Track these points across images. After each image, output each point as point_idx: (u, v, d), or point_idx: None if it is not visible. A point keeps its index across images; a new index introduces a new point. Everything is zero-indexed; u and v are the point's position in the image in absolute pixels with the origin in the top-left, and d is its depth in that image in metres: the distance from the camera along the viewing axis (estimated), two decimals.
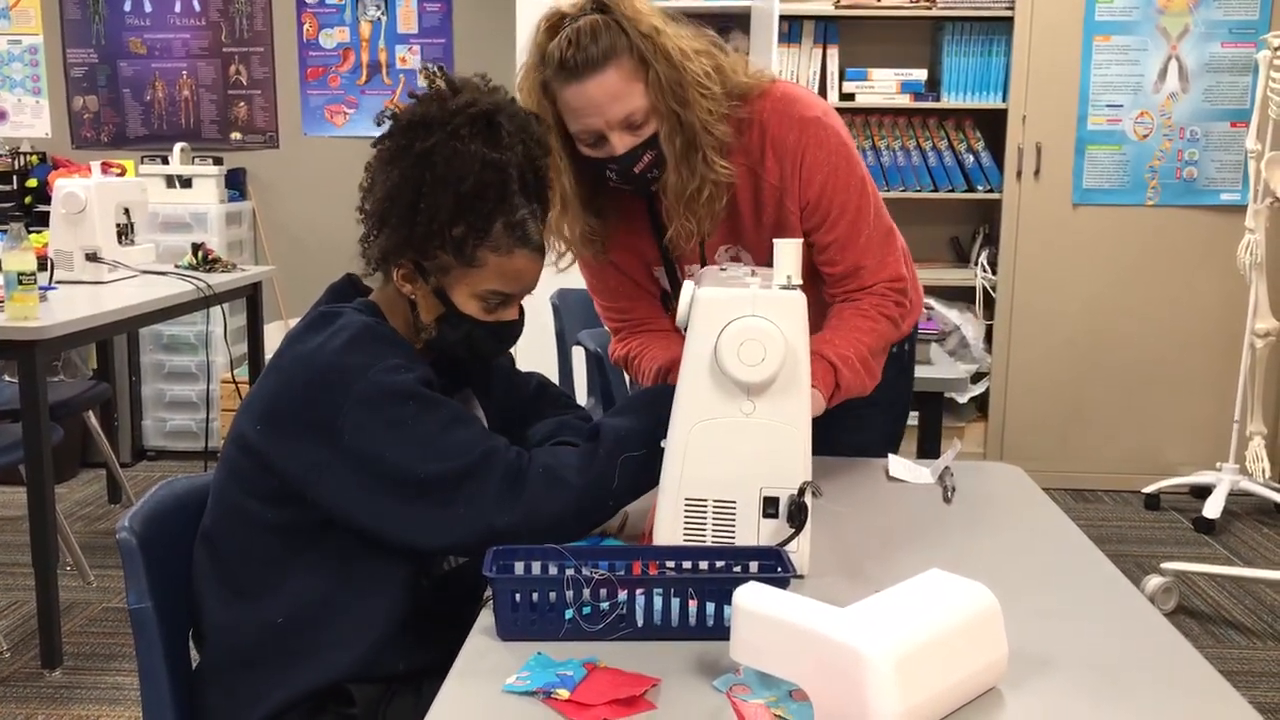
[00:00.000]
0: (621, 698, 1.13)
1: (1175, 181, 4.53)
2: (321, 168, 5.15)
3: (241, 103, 5.23)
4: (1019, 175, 4.54)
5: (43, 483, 2.92)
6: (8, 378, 4.14)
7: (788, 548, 1.38)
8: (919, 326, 2.17)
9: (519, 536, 1.38)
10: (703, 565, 1.37)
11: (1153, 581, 3.44)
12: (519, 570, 1.35)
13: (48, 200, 3.98)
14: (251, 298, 4.13)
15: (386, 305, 1.56)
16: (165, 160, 4.88)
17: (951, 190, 4.61)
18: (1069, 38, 4.47)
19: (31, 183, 4.85)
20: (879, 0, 4.51)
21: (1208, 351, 4.59)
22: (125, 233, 3.72)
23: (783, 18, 4.36)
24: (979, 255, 4.74)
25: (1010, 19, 4.48)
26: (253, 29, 5.18)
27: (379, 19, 5.15)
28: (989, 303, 4.69)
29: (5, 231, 2.96)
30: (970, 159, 4.63)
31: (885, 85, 4.57)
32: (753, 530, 1.43)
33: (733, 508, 1.43)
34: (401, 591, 1.47)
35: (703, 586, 1.29)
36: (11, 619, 3.33)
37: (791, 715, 1.10)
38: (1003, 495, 1.85)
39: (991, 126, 4.65)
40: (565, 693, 1.14)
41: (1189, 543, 4.10)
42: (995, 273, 4.64)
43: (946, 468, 1.89)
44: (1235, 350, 4.31)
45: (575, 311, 3.39)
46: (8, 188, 4.86)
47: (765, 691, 1.14)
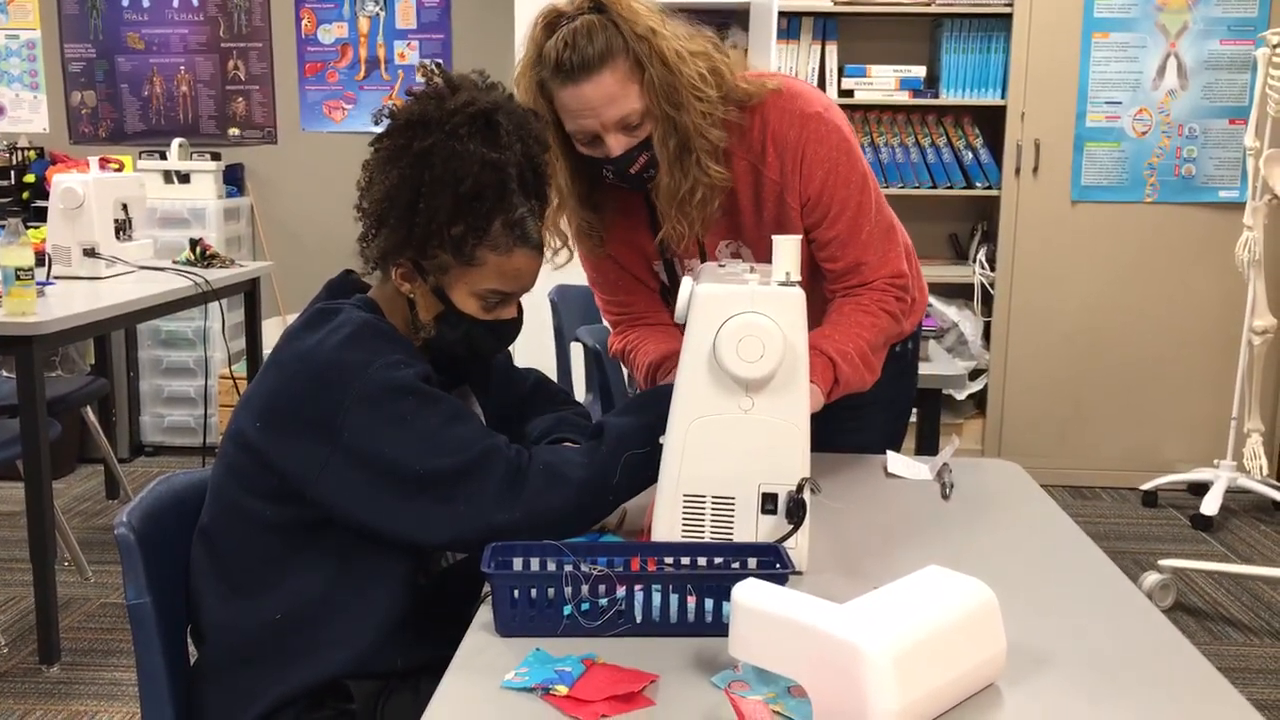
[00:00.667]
0: (620, 694, 1.13)
1: (1174, 179, 4.53)
2: (320, 163, 5.15)
3: (240, 98, 5.22)
4: (1017, 172, 4.54)
5: (40, 478, 2.92)
6: (5, 373, 4.14)
7: (786, 544, 1.38)
8: (921, 325, 2.17)
9: (519, 533, 1.38)
10: (701, 561, 1.37)
11: (1150, 578, 3.45)
12: (517, 566, 1.35)
13: (45, 195, 3.98)
14: (249, 293, 4.13)
15: (385, 302, 1.56)
16: (163, 156, 4.88)
17: (950, 187, 4.61)
18: (1068, 34, 4.46)
19: (29, 178, 4.85)
20: None
21: (1206, 349, 4.59)
22: (123, 228, 3.71)
23: (782, 13, 4.36)
24: (977, 252, 4.74)
25: (1009, 15, 4.48)
26: (251, 24, 5.17)
27: (377, 14, 5.14)
28: (987, 299, 4.69)
29: (3, 227, 2.96)
30: (969, 155, 4.63)
31: (884, 82, 4.57)
32: (751, 526, 1.43)
33: (731, 504, 1.43)
34: (400, 589, 1.47)
35: (701, 583, 1.29)
36: (9, 614, 3.33)
37: (790, 711, 1.10)
38: (1001, 492, 1.85)
39: (990, 123, 4.65)
40: (564, 689, 1.14)
41: (1186, 540, 4.11)
42: (994, 269, 4.64)
43: (945, 464, 1.89)
44: (1233, 347, 4.32)
45: (574, 308, 3.39)
46: (5, 183, 4.85)
47: (764, 688, 1.14)
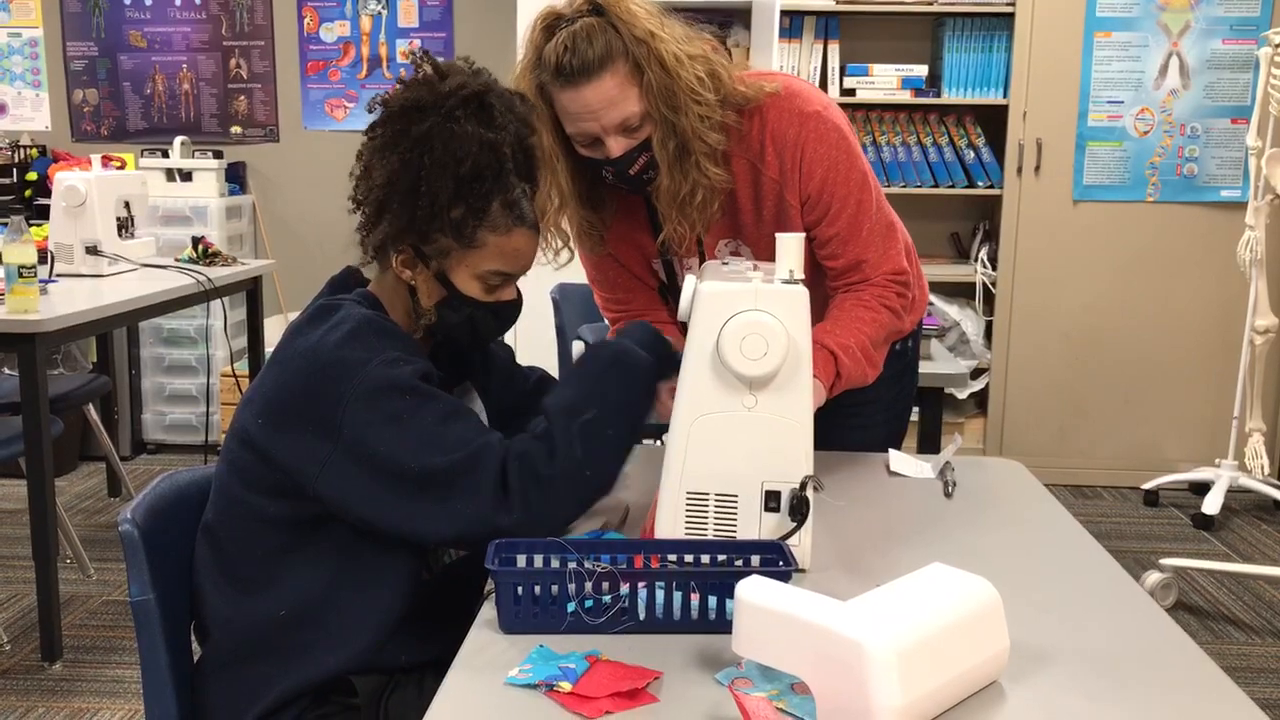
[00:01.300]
0: (623, 690, 1.13)
1: (1175, 178, 4.53)
2: (321, 162, 5.15)
3: (242, 96, 5.22)
4: (1019, 171, 4.54)
5: (42, 476, 2.92)
6: (8, 371, 4.15)
7: (789, 542, 1.39)
8: (922, 324, 2.17)
9: (519, 530, 1.38)
10: (705, 559, 1.37)
11: (1152, 577, 3.45)
12: (521, 563, 1.35)
13: (48, 193, 3.98)
14: (251, 291, 4.13)
15: (386, 294, 1.56)
16: (165, 154, 4.88)
17: (952, 186, 4.61)
18: (1070, 33, 4.46)
19: (31, 176, 4.85)
20: None
21: (1207, 348, 4.59)
22: (125, 226, 3.71)
23: (784, 12, 4.36)
24: (979, 251, 4.74)
25: (1011, 15, 4.48)
26: (253, 23, 5.17)
27: (379, 13, 5.14)
28: (989, 298, 4.69)
29: (5, 224, 2.96)
30: (971, 155, 4.63)
31: (886, 81, 4.57)
32: (754, 524, 1.43)
33: (734, 502, 1.43)
34: (403, 585, 1.47)
35: (704, 580, 1.29)
36: (11, 612, 3.33)
37: (793, 709, 1.10)
38: (1003, 490, 1.85)
39: (992, 122, 4.64)
40: (567, 685, 1.14)
41: (1188, 539, 4.11)
42: (995, 269, 4.64)
43: (947, 462, 1.89)
44: (1235, 347, 4.32)
45: (576, 306, 3.40)
46: (8, 181, 4.86)
47: (767, 685, 1.14)
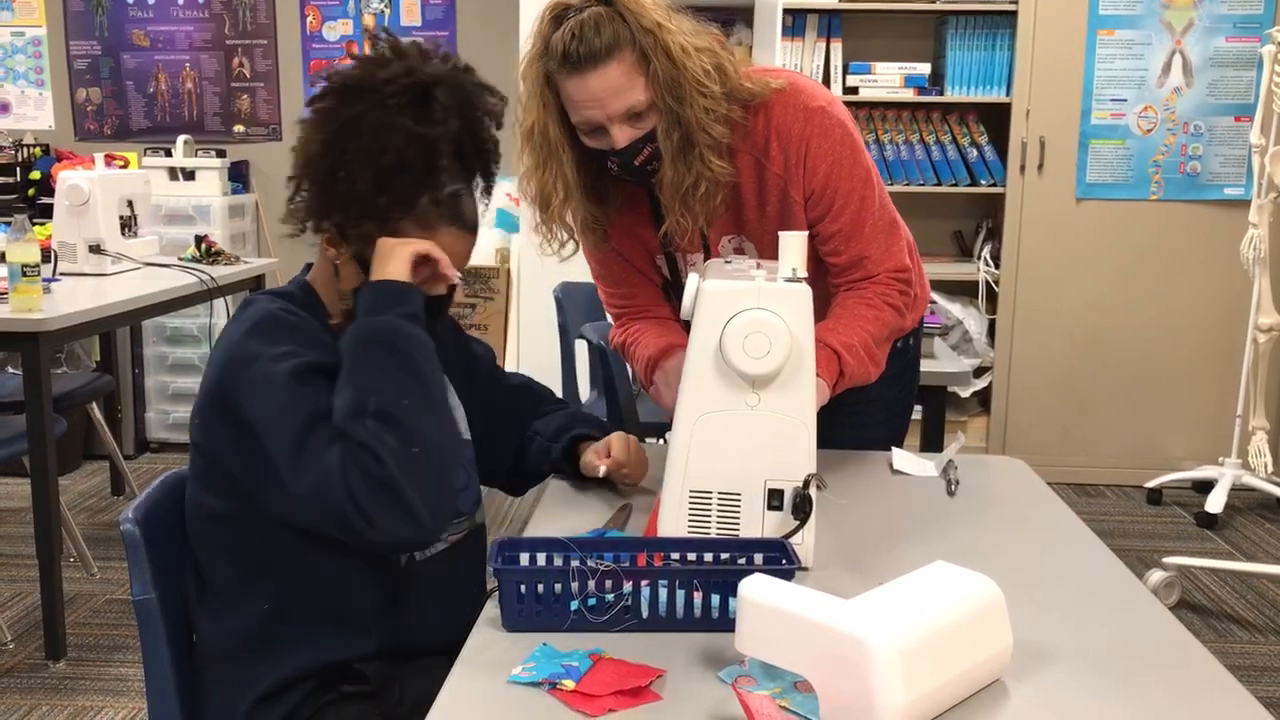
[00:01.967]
0: (627, 688, 1.13)
1: (1179, 176, 4.53)
2: None
3: (245, 95, 5.22)
4: (1022, 169, 4.54)
5: (46, 474, 2.92)
6: (11, 369, 4.15)
7: (792, 540, 1.39)
8: (923, 321, 2.17)
9: (416, 539, 1.39)
10: (708, 557, 1.37)
11: (1155, 576, 3.44)
12: (524, 562, 1.36)
13: (51, 192, 3.98)
14: (254, 290, 4.13)
15: (321, 277, 1.54)
16: (168, 153, 4.88)
17: (955, 184, 4.61)
18: (1073, 32, 4.46)
19: (35, 175, 4.86)
20: None
21: (1210, 346, 4.59)
22: (128, 225, 3.71)
23: (786, 11, 4.36)
24: (982, 249, 4.74)
25: (1014, 13, 4.47)
26: (256, 21, 5.17)
27: (382, 11, 5.14)
28: (992, 297, 4.69)
29: (9, 223, 2.96)
30: (973, 153, 4.63)
31: (889, 79, 4.57)
32: (757, 522, 1.44)
33: (737, 500, 1.43)
34: (379, 572, 1.47)
35: (708, 578, 1.29)
36: (15, 610, 3.33)
37: (797, 707, 1.10)
38: (1007, 489, 1.85)
39: (995, 120, 4.64)
40: (571, 683, 1.14)
41: (1191, 537, 4.10)
42: (998, 267, 4.63)
43: (950, 461, 1.89)
44: (1238, 345, 4.32)
45: (578, 304, 3.39)
46: (11, 180, 4.86)
47: (770, 683, 1.15)
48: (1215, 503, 4.12)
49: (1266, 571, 3.62)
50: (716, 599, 1.28)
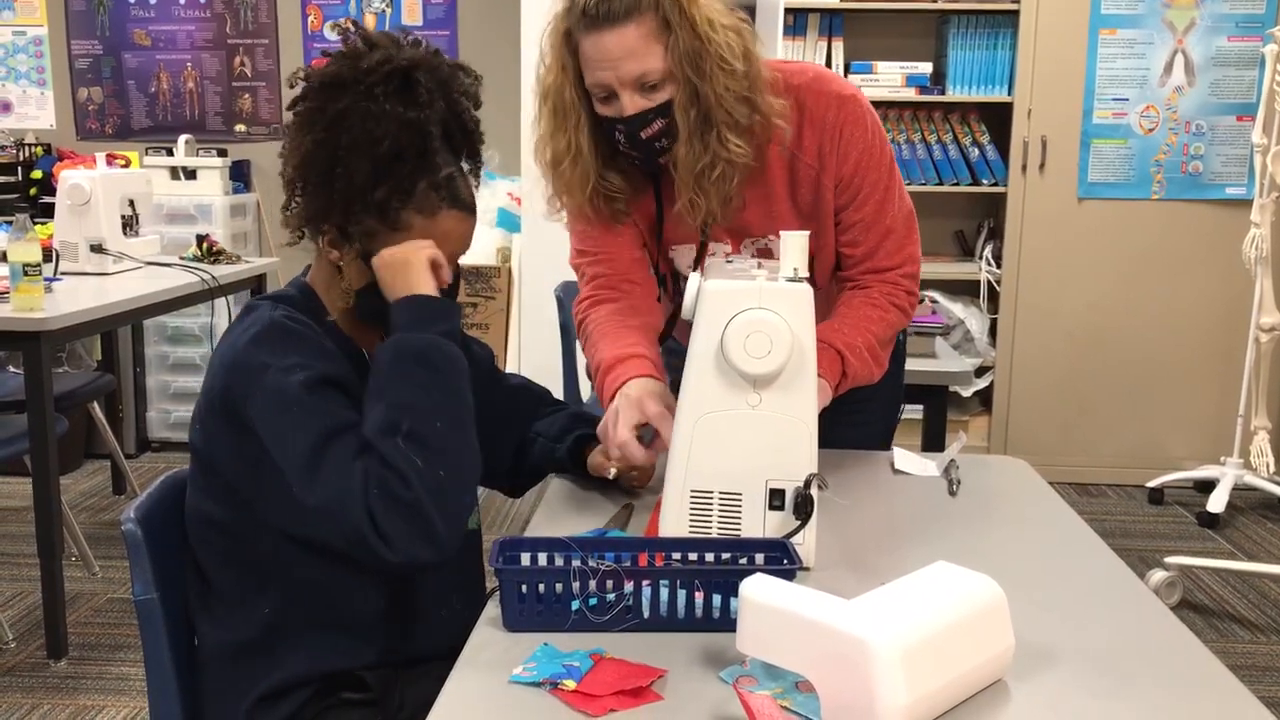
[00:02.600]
0: (628, 689, 1.13)
1: (1181, 175, 4.52)
2: None
3: (246, 95, 5.23)
4: (1024, 169, 4.54)
5: (47, 474, 2.92)
6: (13, 369, 4.15)
7: (794, 540, 1.38)
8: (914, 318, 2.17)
9: (432, 557, 1.35)
10: (709, 557, 1.37)
11: (1156, 576, 3.44)
12: (525, 562, 1.35)
13: (52, 192, 3.99)
14: (255, 290, 4.12)
15: (321, 279, 1.53)
16: (170, 152, 4.88)
17: (956, 184, 4.61)
18: (1074, 31, 4.46)
19: (36, 174, 4.86)
20: None
21: (1212, 346, 4.58)
22: (130, 224, 3.71)
23: (788, 10, 4.36)
24: (983, 249, 4.74)
25: (1016, 12, 4.47)
26: (257, 21, 5.17)
27: (383, 11, 5.14)
28: (993, 296, 4.69)
29: (10, 223, 2.96)
30: (975, 152, 4.62)
31: (890, 78, 4.56)
32: (759, 522, 1.43)
33: (739, 500, 1.43)
34: (380, 579, 1.46)
35: (709, 578, 1.29)
36: (17, 609, 3.33)
37: (798, 707, 1.10)
38: (1008, 488, 1.85)
39: (996, 120, 4.64)
40: (572, 683, 1.14)
41: (1193, 537, 4.10)
42: (1000, 266, 4.63)
43: (952, 460, 1.89)
44: (1240, 345, 4.31)
45: None
46: (12, 179, 4.87)
47: (771, 683, 1.14)
48: (1217, 502, 4.12)
49: (1268, 571, 3.62)
50: (718, 599, 1.28)
